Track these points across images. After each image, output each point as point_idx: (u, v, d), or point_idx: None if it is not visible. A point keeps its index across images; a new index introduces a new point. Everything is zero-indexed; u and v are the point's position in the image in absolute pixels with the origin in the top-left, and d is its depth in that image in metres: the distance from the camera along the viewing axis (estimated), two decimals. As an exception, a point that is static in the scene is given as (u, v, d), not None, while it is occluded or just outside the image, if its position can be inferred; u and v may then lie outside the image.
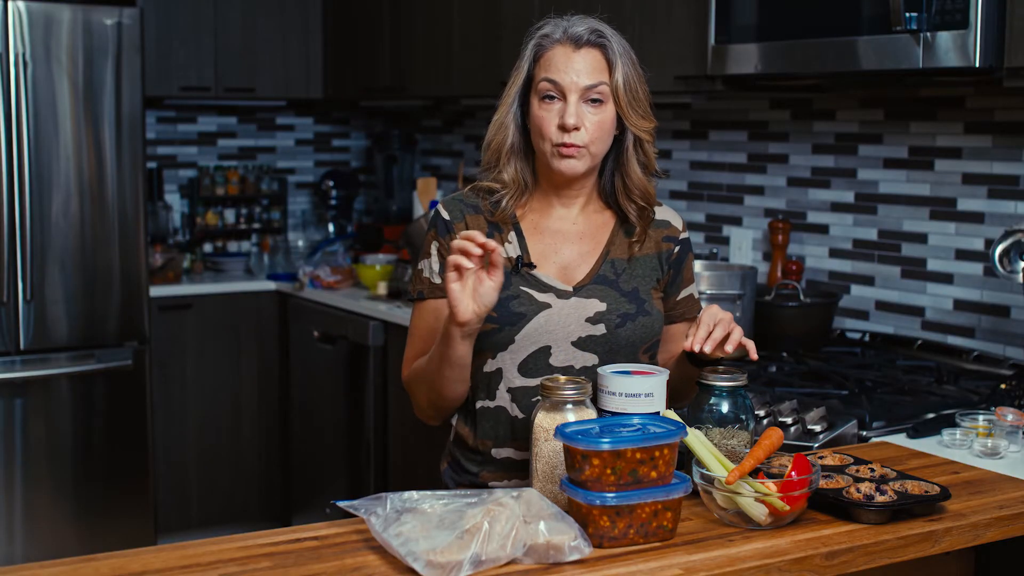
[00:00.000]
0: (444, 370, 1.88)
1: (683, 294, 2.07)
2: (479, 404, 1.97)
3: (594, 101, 1.92)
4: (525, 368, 1.93)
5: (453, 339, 1.83)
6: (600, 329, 1.94)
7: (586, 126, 1.91)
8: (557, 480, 1.72)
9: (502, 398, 1.95)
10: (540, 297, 1.94)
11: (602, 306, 1.95)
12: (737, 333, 1.83)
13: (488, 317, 1.88)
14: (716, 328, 1.83)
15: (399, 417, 3.97)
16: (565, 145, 1.91)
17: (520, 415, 1.94)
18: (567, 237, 2.00)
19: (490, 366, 1.95)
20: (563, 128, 1.90)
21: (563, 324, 1.93)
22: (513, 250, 1.98)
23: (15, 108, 3.95)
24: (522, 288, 1.95)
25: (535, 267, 1.97)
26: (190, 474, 4.62)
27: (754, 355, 1.87)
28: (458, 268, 1.76)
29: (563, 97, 1.91)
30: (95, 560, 1.54)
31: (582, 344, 1.94)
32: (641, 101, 1.95)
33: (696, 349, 1.82)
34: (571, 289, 1.96)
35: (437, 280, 1.98)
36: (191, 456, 4.61)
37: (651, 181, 2.02)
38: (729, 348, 1.82)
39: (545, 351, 1.93)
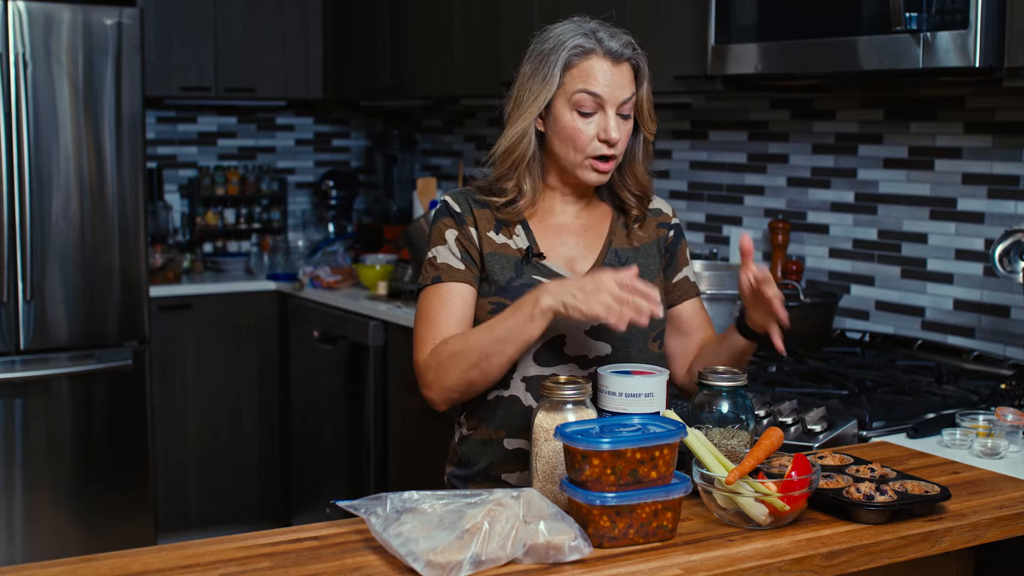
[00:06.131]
0: (508, 349, 1.88)
1: (679, 276, 2.12)
2: (493, 394, 1.99)
3: (624, 115, 1.96)
4: (540, 358, 1.96)
5: (535, 322, 1.84)
6: None
7: (620, 138, 1.96)
8: (557, 480, 1.72)
9: (516, 387, 1.97)
10: None
11: None
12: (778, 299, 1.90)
13: (501, 306, 1.93)
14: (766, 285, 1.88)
15: (399, 417, 3.97)
16: (604, 158, 1.95)
17: (534, 404, 1.95)
18: (571, 230, 2.05)
19: None
20: (607, 142, 1.94)
21: None
22: (521, 241, 2.01)
23: (15, 108, 3.95)
24: (534, 277, 1.98)
25: (544, 257, 2.00)
26: (190, 474, 4.62)
27: (780, 341, 1.92)
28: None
29: (600, 110, 1.94)
30: (95, 560, 1.54)
31: (595, 333, 1.96)
32: (651, 106, 2.02)
33: (749, 278, 1.88)
34: None
35: (459, 266, 1.98)
36: (191, 456, 4.61)
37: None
38: (781, 313, 1.89)
39: (559, 339, 1.95)
